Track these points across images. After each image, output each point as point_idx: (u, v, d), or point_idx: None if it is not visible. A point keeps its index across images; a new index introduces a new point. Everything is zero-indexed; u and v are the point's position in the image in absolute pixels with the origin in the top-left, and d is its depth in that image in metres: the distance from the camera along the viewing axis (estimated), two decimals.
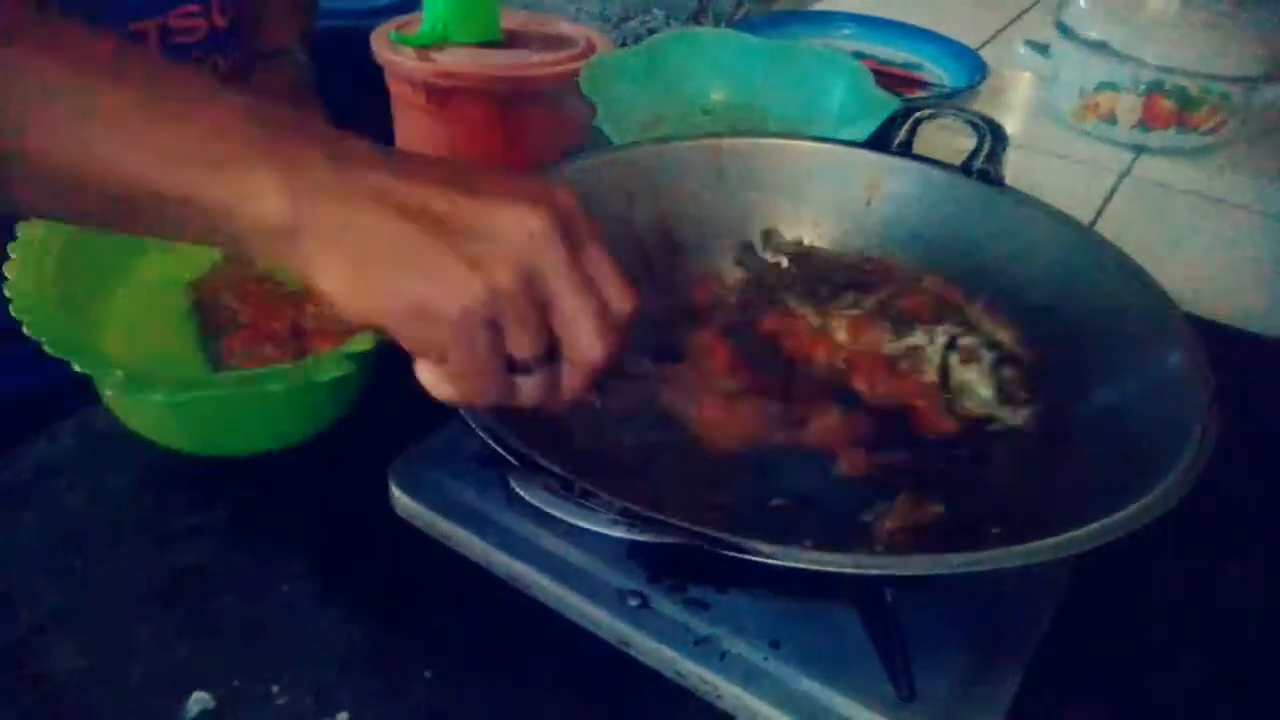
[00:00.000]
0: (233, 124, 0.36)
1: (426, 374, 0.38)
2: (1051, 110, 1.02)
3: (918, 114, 0.65)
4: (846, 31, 1.16)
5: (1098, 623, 0.49)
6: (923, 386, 0.56)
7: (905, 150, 0.65)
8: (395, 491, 0.50)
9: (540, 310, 0.37)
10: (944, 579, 0.43)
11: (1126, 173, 0.93)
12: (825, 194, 0.65)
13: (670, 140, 0.68)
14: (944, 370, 0.57)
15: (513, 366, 0.37)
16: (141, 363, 0.55)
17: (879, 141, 0.66)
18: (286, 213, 0.35)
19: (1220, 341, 0.49)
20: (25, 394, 0.57)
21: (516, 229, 0.36)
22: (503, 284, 0.36)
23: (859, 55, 1.12)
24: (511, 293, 0.36)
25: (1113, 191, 0.89)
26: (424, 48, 1.04)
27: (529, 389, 0.39)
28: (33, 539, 0.49)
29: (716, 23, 2.46)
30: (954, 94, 1.03)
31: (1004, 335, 0.58)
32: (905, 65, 1.13)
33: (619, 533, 0.36)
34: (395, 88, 1.22)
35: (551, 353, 0.38)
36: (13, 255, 0.53)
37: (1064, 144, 0.98)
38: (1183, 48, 0.90)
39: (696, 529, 0.36)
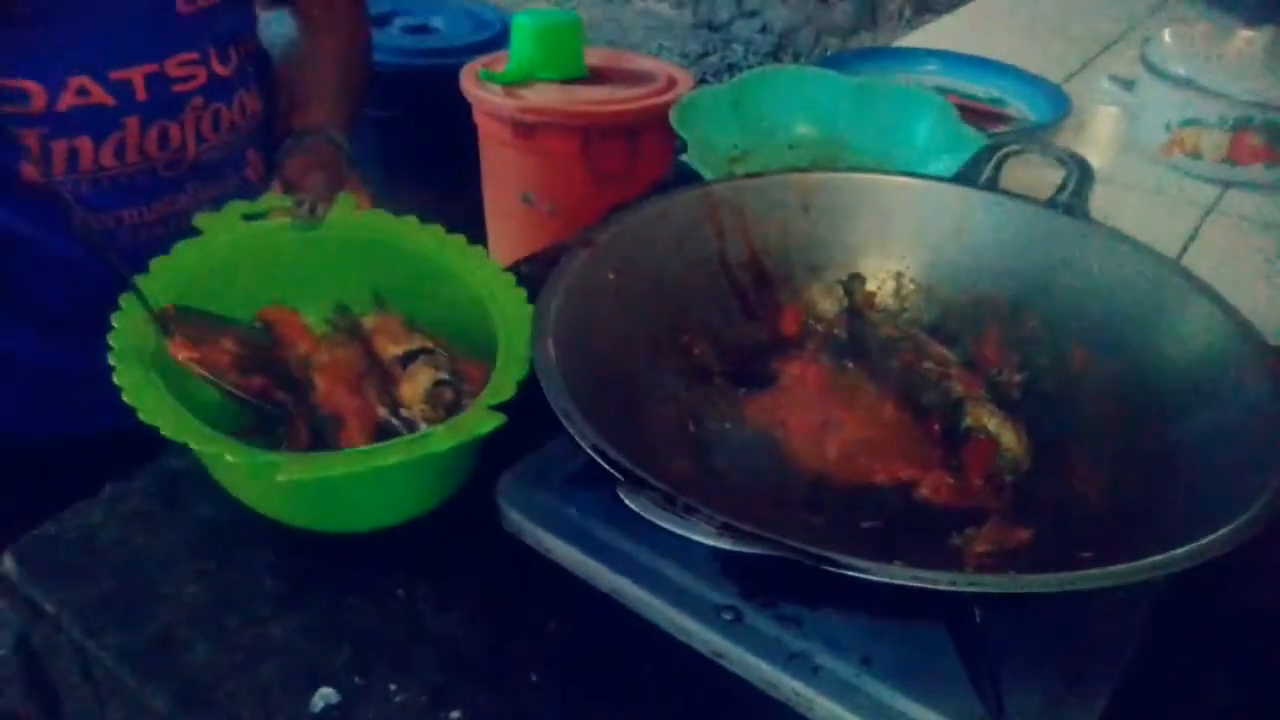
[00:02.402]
0: None
1: None
2: (1136, 145, 1.02)
3: (1004, 150, 0.67)
4: (931, 67, 1.18)
5: (1187, 644, 0.49)
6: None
7: (992, 185, 0.66)
8: (504, 507, 0.53)
9: None
10: (1034, 599, 0.44)
11: (1213, 207, 0.93)
12: (913, 228, 0.67)
13: (757, 175, 0.70)
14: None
15: None
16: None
17: (966, 177, 0.67)
18: None
19: None
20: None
21: None
22: None
23: (943, 91, 1.13)
24: None
25: (1199, 226, 0.90)
26: (511, 84, 1.08)
27: None
28: (171, 546, 0.53)
29: (796, 59, 2.50)
30: (1038, 129, 1.04)
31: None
32: (990, 100, 1.14)
33: (725, 544, 0.38)
34: (482, 122, 1.27)
35: None
36: (114, 345, 0.53)
37: (1150, 178, 0.98)
38: (1270, 83, 0.90)
39: (799, 545, 0.39)
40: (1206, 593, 0.49)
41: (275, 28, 0.89)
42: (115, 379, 0.51)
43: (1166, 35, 0.99)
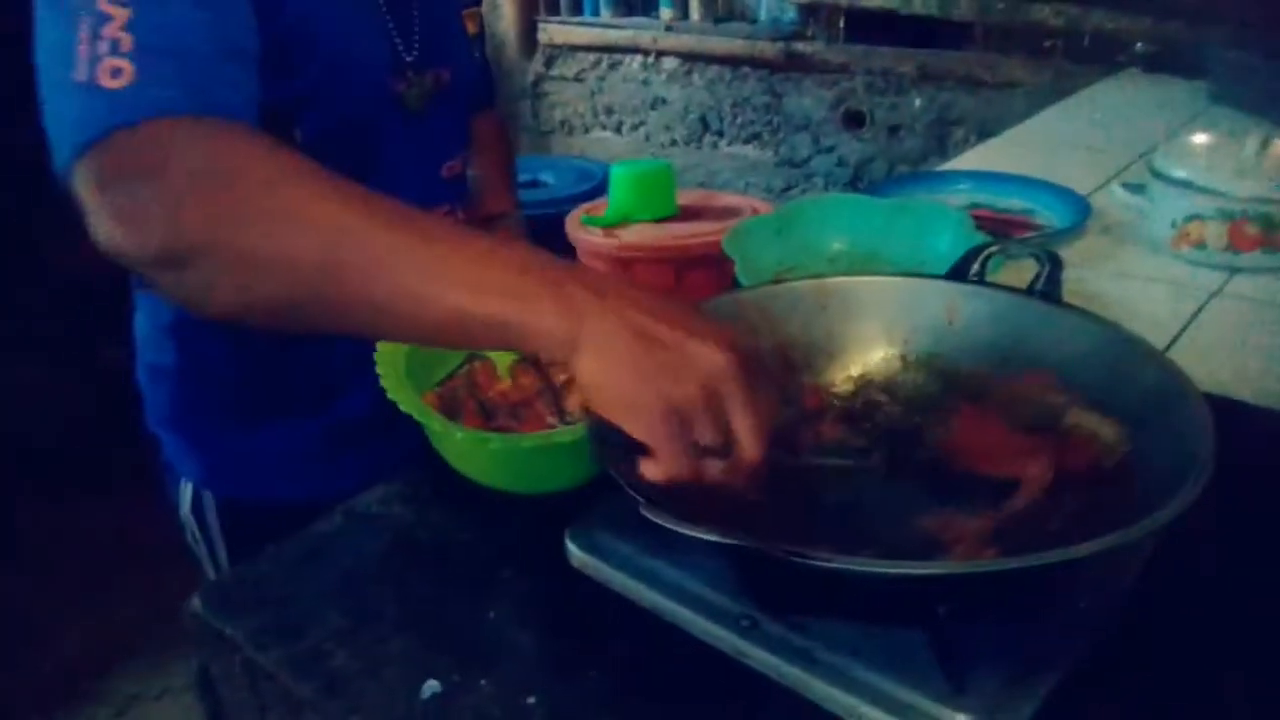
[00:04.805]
0: (523, 263, 0.58)
1: (643, 464, 0.56)
2: (1151, 241, 1.13)
3: (988, 250, 0.80)
4: (962, 187, 1.31)
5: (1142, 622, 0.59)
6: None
7: (979, 279, 0.79)
8: (570, 548, 0.66)
9: (718, 416, 0.56)
10: (981, 586, 0.55)
11: (1218, 291, 1.02)
12: (911, 317, 0.79)
13: (783, 282, 0.84)
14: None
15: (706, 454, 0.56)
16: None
17: (957, 273, 0.80)
18: (567, 329, 0.56)
19: None
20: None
21: (709, 358, 0.56)
22: (690, 393, 0.55)
23: (976, 206, 1.27)
24: (694, 399, 0.55)
25: (1201, 308, 0.99)
26: (610, 226, 1.22)
27: (711, 470, 0.57)
28: (319, 586, 0.68)
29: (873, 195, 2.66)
30: (1061, 233, 1.16)
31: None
32: (1020, 211, 1.27)
33: (714, 537, 0.51)
34: (585, 261, 1.42)
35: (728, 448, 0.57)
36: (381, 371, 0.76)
37: (1163, 270, 1.08)
38: (1259, 181, 1.01)
39: (771, 543, 0.51)
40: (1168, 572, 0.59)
41: None
42: (389, 394, 0.73)
43: (1168, 147, 1.11)
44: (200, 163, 0.61)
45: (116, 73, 0.63)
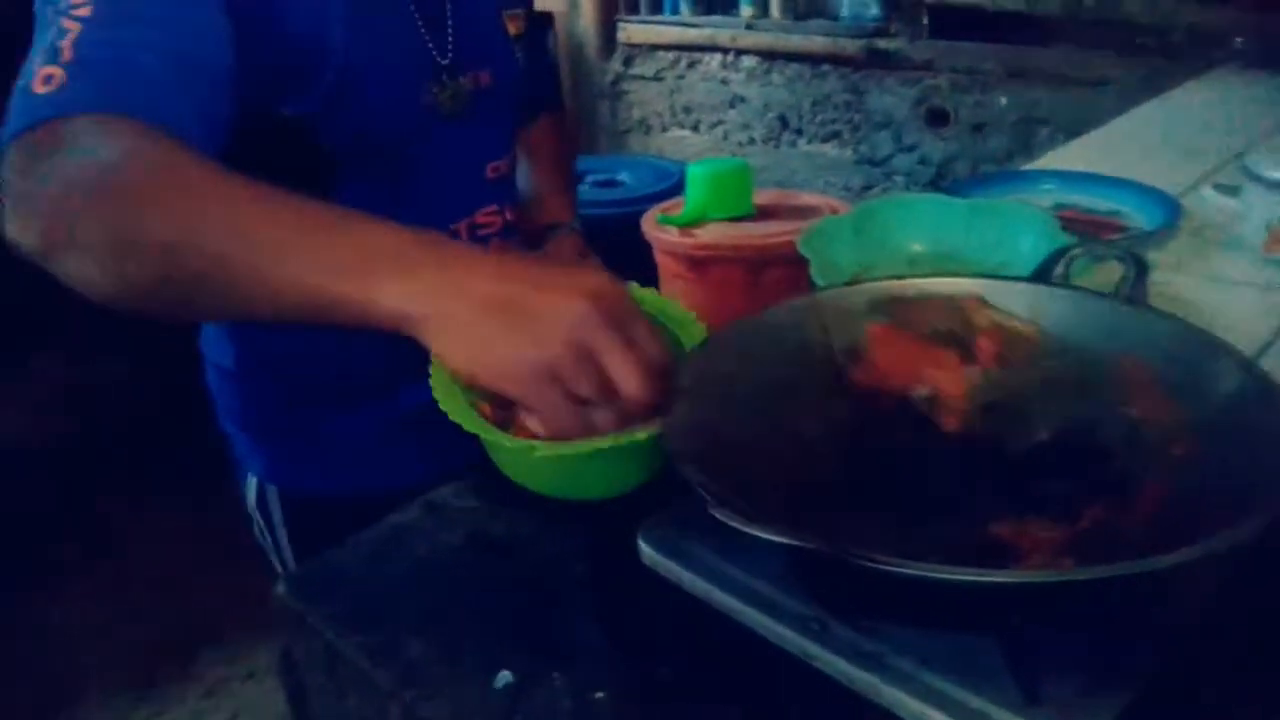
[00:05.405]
0: (374, 244, 0.61)
1: (528, 420, 0.59)
2: (1243, 244, 1.09)
3: (1071, 252, 0.78)
4: (1048, 187, 1.28)
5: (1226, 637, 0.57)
6: None
7: (1061, 282, 0.77)
8: (642, 546, 0.67)
9: (590, 365, 0.58)
10: (1058, 597, 0.54)
11: None
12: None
13: (857, 283, 0.84)
14: None
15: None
16: None
17: (1041, 275, 0.79)
18: (415, 308, 0.58)
19: None
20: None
21: (567, 310, 0.58)
22: (555, 350, 0.57)
23: (1061, 207, 1.24)
24: (561, 355, 0.57)
25: None
26: (686, 225, 1.22)
27: (601, 419, 0.60)
28: (395, 576, 0.70)
29: (953, 194, 2.61)
30: (1149, 235, 1.13)
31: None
32: (1107, 213, 1.23)
33: (782, 539, 0.51)
34: (661, 260, 1.42)
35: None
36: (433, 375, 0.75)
37: (1255, 274, 1.05)
38: None
39: (840, 546, 0.51)
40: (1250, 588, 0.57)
41: None
42: (437, 400, 0.71)
43: (1264, 147, 1.07)
44: (85, 158, 0.66)
45: (49, 79, 0.68)
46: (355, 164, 0.89)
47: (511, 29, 1.07)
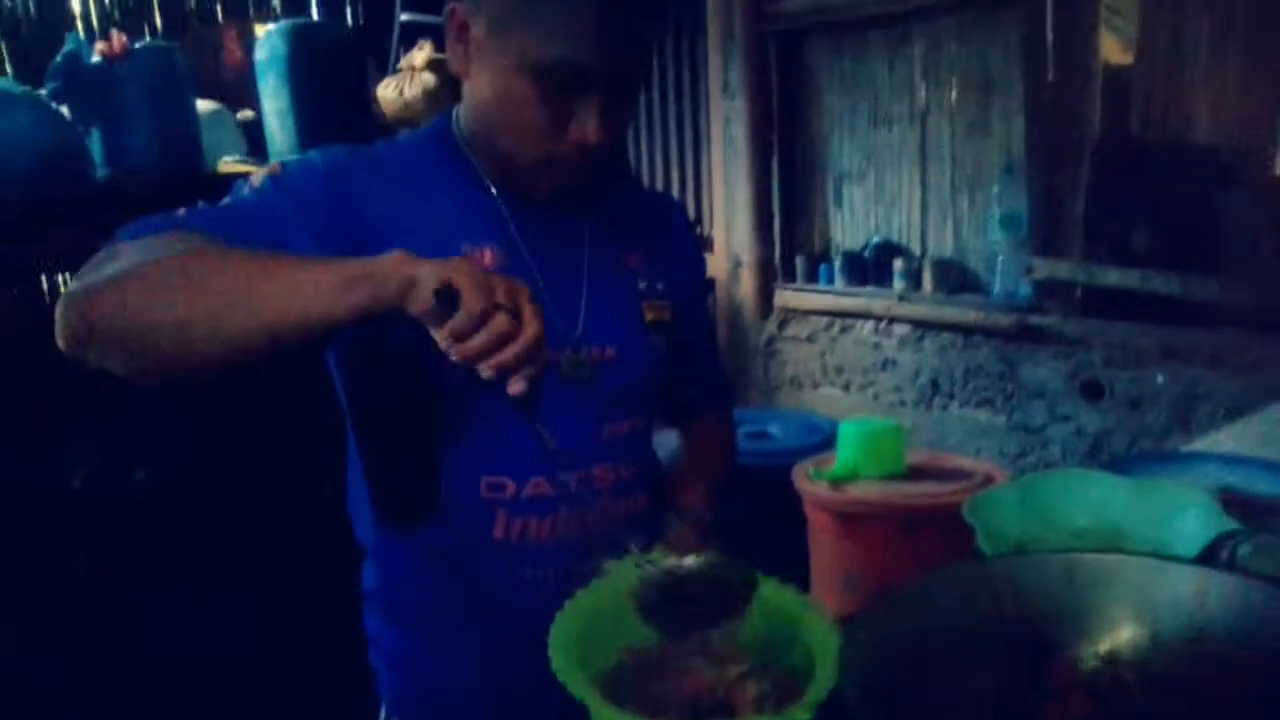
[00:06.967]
0: (346, 264, 0.86)
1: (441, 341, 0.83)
2: None
3: (1237, 538, 0.83)
4: (1209, 469, 1.31)
5: None
6: None
7: (1227, 566, 0.81)
8: None
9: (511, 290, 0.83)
10: None
11: None
12: (1160, 598, 0.82)
13: (1028, 553, 0.89)
14: None
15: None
16: None
17: (1207, 557, 0.83)
18: (370, 269, 0.84)
19: None
20: None
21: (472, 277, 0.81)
22: (496, 279, 0.83)
23: (1224, 489, 1.26)
24: (497, 282, 0.83)
25: None
26: (836, 481, 1.28)
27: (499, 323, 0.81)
28: None
29: (1112, 461, 2.60)
30: None
31: None
32: (1272, 495, 1.25)
33: None
34: (811, 513, 1.46)
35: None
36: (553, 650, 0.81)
37: None
38: None
39: None
40: None
41: (666, 443, 1.24)
42: (558, 675, 0.76)
43: None
44: (115, 263, 0.87)
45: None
46: (465, 402, 1.05)
47: (649, 315, 1.16)
